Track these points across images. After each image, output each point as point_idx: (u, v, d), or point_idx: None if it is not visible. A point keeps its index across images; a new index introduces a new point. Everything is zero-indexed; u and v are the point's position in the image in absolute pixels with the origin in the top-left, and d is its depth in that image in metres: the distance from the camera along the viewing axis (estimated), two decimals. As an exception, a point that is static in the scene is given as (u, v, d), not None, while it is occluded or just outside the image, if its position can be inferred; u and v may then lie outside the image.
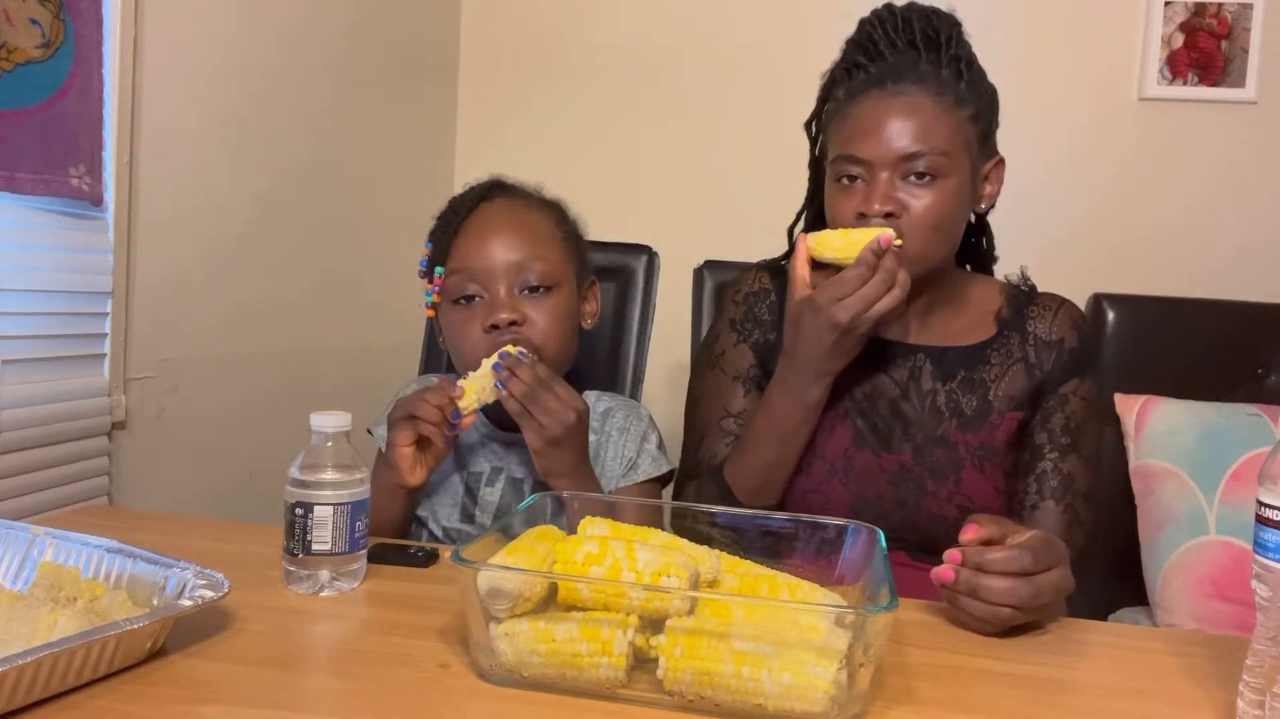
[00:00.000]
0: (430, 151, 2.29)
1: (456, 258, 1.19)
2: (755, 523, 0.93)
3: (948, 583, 0.88)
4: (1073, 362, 1.19)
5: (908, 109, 1.11)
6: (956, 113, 1.12)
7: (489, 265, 1.17)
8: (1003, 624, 0.87)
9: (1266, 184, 2.05)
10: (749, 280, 1.29)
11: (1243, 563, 1.64)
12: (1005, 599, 0.86)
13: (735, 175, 2.20)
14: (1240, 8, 2.02)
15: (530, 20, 2.32)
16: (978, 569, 0.87)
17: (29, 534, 0.89)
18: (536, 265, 1.17)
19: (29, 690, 0.66)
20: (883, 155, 1.11)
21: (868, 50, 1.16)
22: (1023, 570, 0.86)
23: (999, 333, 1.21)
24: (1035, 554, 0.87)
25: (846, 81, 1.17)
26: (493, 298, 1.17)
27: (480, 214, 1.21)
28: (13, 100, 1.21)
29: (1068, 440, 1.17)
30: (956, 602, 0.88)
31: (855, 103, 1.14)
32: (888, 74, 1.13)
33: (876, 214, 1.10)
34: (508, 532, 0.86)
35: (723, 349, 1.26)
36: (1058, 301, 1.23)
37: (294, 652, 0.82)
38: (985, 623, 0.87)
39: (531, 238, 1.19)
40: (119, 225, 1.39)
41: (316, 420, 0.94)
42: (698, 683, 0.70)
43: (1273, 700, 0.67)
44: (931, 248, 1.13)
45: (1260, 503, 0.68)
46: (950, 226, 1.14)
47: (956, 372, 1.19)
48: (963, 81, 1.13)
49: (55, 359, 1.33)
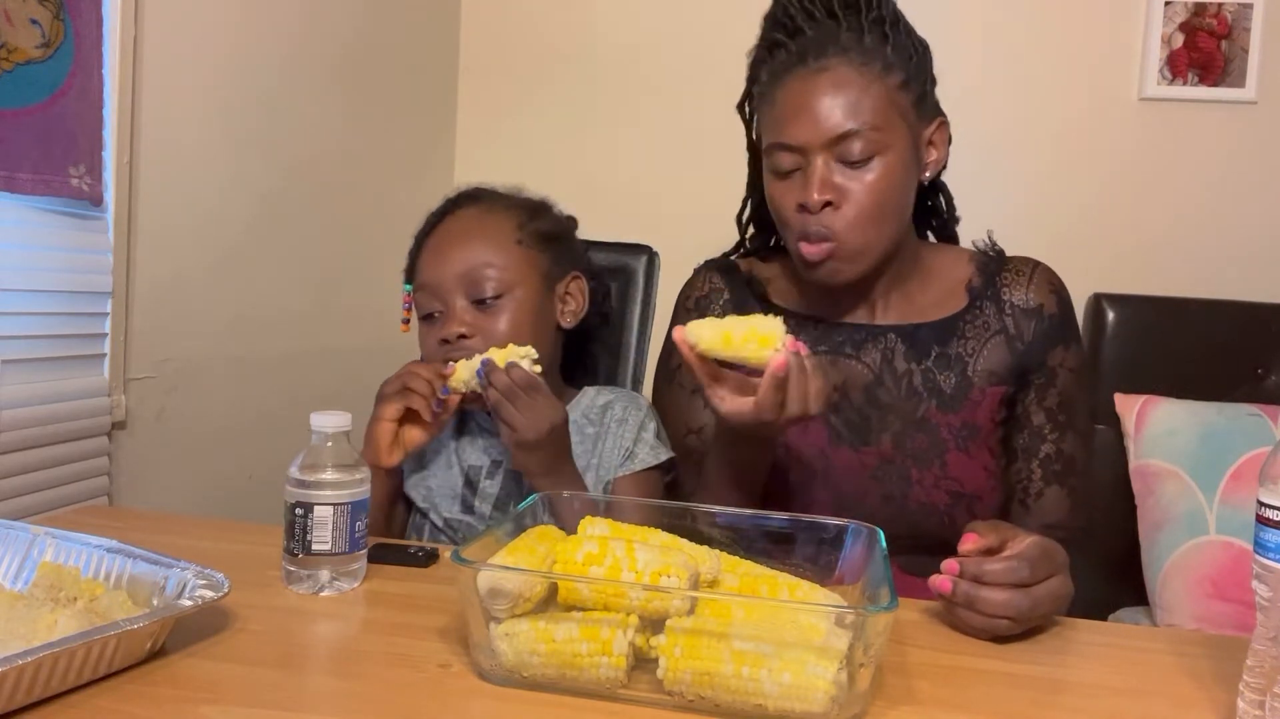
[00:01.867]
0: (430, 152, 2.29)
1: (418, 274, 1.23)
2: (755, 523, 0.92)
3: (945, 594, 0.87)
4: (1054, 329, 1.15)
5: (833, 84, 1.05)
6: (885, 80, 1.06)
7: (439, 280, 1.20)
8: (1000, 634, 0.87)
9: (1266, 184, 2.05)
10: (698, 284, 1.26)
11: (1243, 563, 1.64)
12: (1002, 611, 0.85)
13: (735, 175, 2.20)
14: (1240, 8, 2.02)
15: (530, 20, 2.32)
16: (975, 580, 0.86)
17: (29, 534, 0.89)
18: (487, 273, 1.19)
19: (29, 690, 0.66)
20: (813, 138, 1.06)
21: (785, 26, 1.11)
22: (1020, 582, 0.85)
23: (971, 303, 1.16)
24: (1033, 565, 0.86)
25: (769, 61, 1.12)
26: (448, 312, 1.19)
27: (440, 228, 1.24)
28: (13, 100, 1.21)
29: (1064, 418, 1.15)
30: (954, 613, 0.88)
31: (779, 85, 1.09)
32: (809, 49, 1.07)
33: (815, 204, 1.06)
34: (507, 532, 0.86)
35: (678, 362, 1.19)
36: (1030, 265, 1.19)
37: (294, 652, 0.82)
38: (983, 633, 0.87)
39: (483, 246, 1.20)
40: (119, 225, 1.39)
41: (316, 420, 0.94)
42: (698, 683, 0.70)
43: (1273, 700, 0.67)
44: (879, 233, 1.09)
45: (1260, 503, 0.68)
46: (896, 205, 1.09)
47: (930, 349, 1.15)
48: (889, 45, 1.07)
49: (55, 359, 1.33)
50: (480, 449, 1.26)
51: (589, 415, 1.26)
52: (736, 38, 2.20)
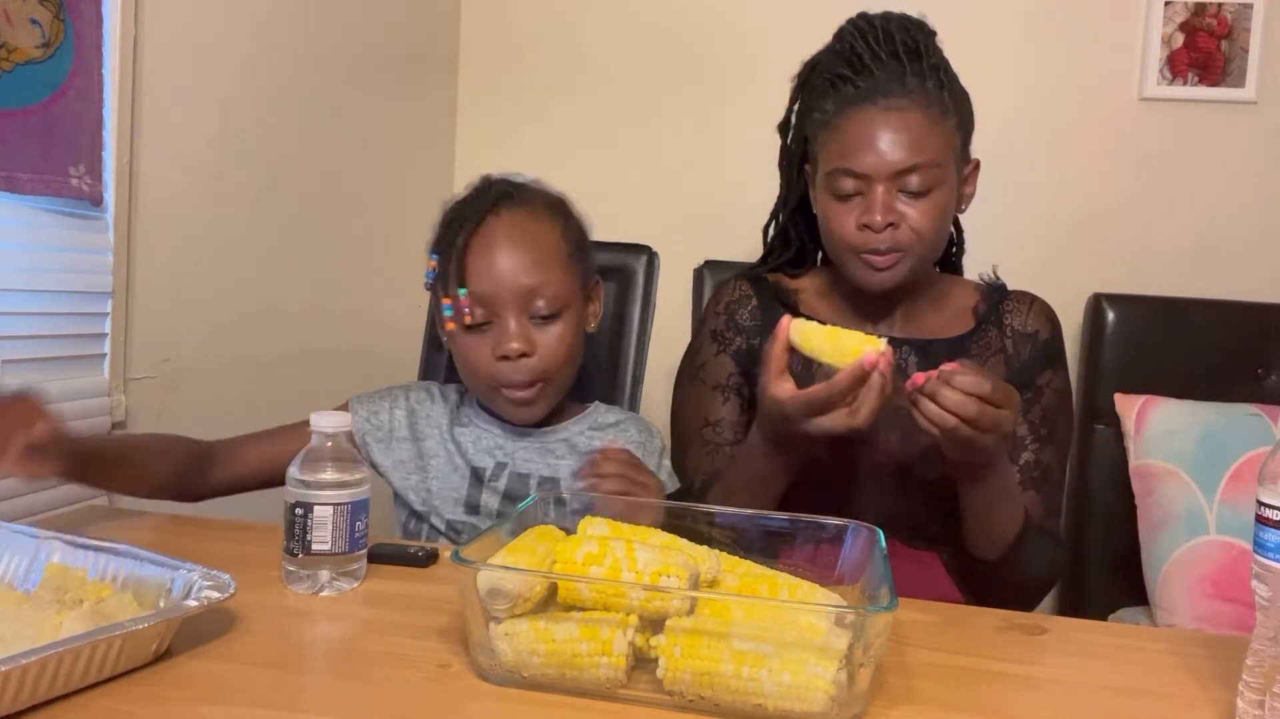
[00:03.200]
0: (430, 151, 2.29)
1: (468, 281, 1.17)
2: (755, 523, 0.93)
3: (917, 384, 0.98)
4: (1046, 353, 1.26)
5: (902, 123, 1.15)
6: (944, 123, 1.17)
7: (498, 292, 1.16)
8: (948, 431, 0.97)
9: (1266, 184, 2.05)
10: (729, 289, 1.32)
11: (1243, 563, 1.64)
12: (956, 408, 0.96)
13: (735, 175, 2.20)
14: (1240, 8, 2.02)
15: (530, 20, 2.32)
16: (945, 382, 0.97)
17: (37, 536, 0.89)
18: (547, 291, 1.17)
19: (34, 691, 0.66)
20: (880, 169, 1.15)
21: (852, 63, 1.18)
22: (980, 394, 0.97)
23: (978, 326, 1.26)
24: (995, 387, 0.98)
25: (832, 93, 1.19)
26: (502, 325, 1.16)
27: (486, 232, 1.18)
28: (13, 100, 1.21)
29: (1045, 431, 1.23)
30: (917, 401, 0.99)
31: (847, 116, 1.17)
32: (878, 88, 1.16)
33: (878, 225, 1.14)
34: (507, 531, 0.86)
35: (703, 360, 1.29)
36: (1029, 298, 1.30)
37: (295, 652, 0.82)
38: (933, 426, 0.98)
39: (539, 257, 1.18)
40: (119, 225, 1.39)
41: (316, 420, 0.94)
42: (697, 683, 0.70)
43: (1273, 700, 0.68)
44: (928, 255, 1.20)
45: (1260, 503, 0.68)
46: (943, 232, 1.21)
47: (940, 363, 1.20)
48: (945, 91, 1.18)
49: (55, 359, 1.33)
50: (485, 450, 1.25)
51: (598, 430, 1.27)
52: (737, 37, 2.22)
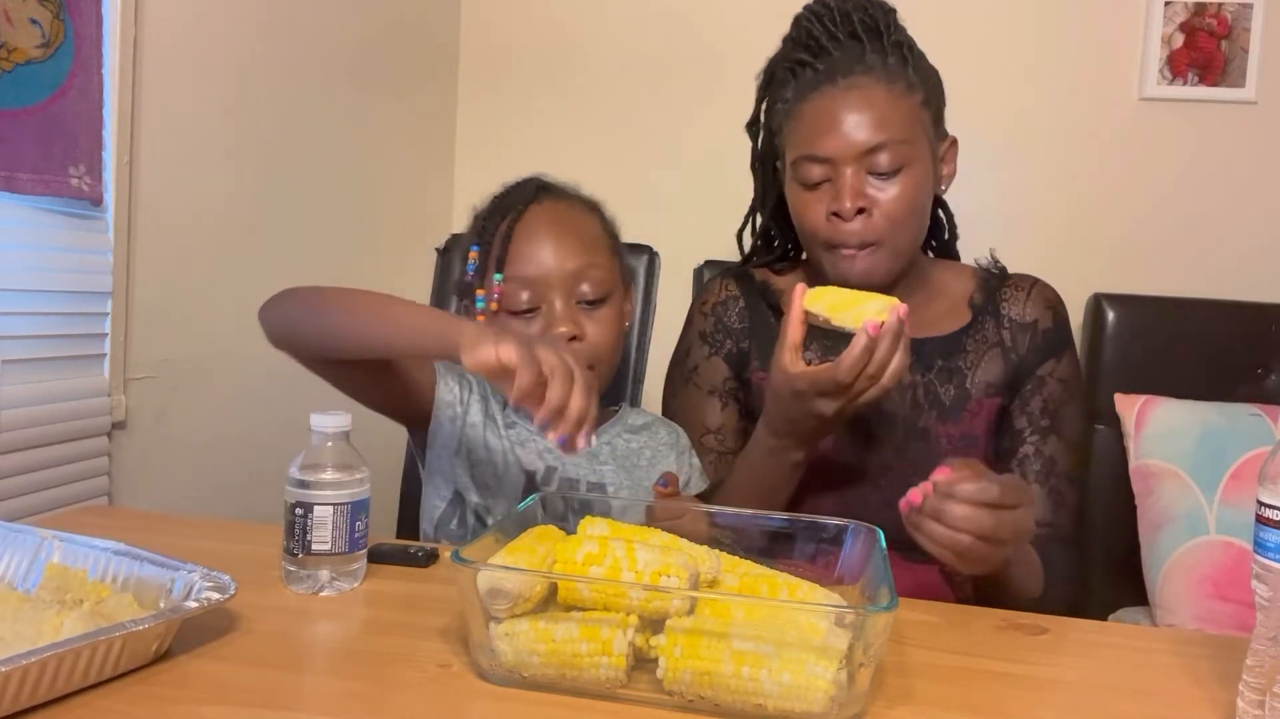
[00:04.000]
0: (430, 151, 2.29)
1: (510, 265, 1.15)
2: (755, 523, 0.93)
3: (914, 505, 0.87)
4: (1047, 343, 1.19)
5: (863, 101, 1.10)
6: (909, 99, 1.12)
7: (545, 275, 1.14)
8: (961, 552, 0.86)
9: (1266, 184, 2.05)
10: (715, 289, 1.28)
11: (1243, 563, 1.65)
12: (967, 525, 0.85)
13: (735, 175, 2.20)
14: (1240, 8, 2.02)
15: (530, 20, 2.32)
16: (946, 497, 0.86)
17: (37, 537, 0.89)
18: (593, 274, 1.15)
19: (34, 692, 0.66)
20: (845, 151, 1.10)
21: (809, 47, 1.15)
22: (989, 501, 0.86)
23: (974, 319, 1.20)
24: (1003, 488, 0.87)
25: (793, 81, 1.16)
26: (549, 309, 1.14)
27: (531, 217, 1.16)
28: (13, 100, 1.21)
29: (1047, 423, 1.17)
30: (919, 525, 0.88)
31: (807, 101, 1.13)
32: (837, 68, 1.12)
33: (848, 212, 1.10)
34: (507, 532, 0.86)
35: (695, 363, 1.25)
36: (1029, 282, 1.23)
37: (295, 652, 0.82)
38: (944, 549, 0.87)
39: (585, 243, 1.16)
40: (119, 225, 1.39)
41: (316, 420, 0.94)
42: (697, 683, 0.70)
43: (1273, 700, 0.68)
44: (906, 239, 1.14)
45: (1260, 503, 0.68)
46: (920, 214, 1.15)
47: (934, 362, 1.18)
48: (909, 67, 1.13)
49: (55, 359, 1.33)
50: (535, 454, 1.20)
51: (633, 433, 1.25)
52: (736, 38, 2.21)
